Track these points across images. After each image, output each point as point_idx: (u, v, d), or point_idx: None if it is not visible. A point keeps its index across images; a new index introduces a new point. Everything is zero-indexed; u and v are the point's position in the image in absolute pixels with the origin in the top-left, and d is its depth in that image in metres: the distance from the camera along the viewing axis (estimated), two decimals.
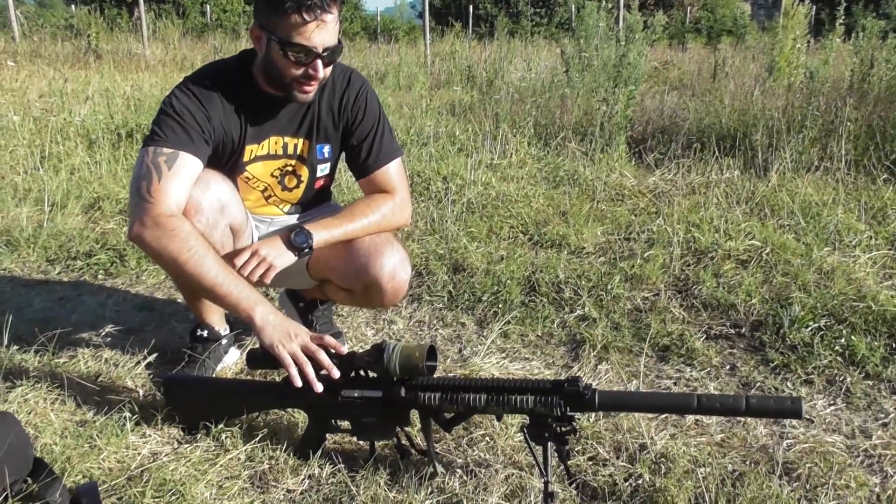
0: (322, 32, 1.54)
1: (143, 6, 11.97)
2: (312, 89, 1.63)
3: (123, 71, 8.12)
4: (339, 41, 1.60)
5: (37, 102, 5.55)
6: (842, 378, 1.91)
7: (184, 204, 1.57)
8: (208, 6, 21.64)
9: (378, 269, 1.72)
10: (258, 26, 1.59)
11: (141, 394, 1.76)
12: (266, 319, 1.50)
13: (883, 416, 1.75)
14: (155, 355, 1.94)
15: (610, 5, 6.00)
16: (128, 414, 1.59)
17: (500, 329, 2.18)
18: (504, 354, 2.07)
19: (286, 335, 1.49)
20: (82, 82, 6.49)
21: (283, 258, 1.65)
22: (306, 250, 1.66)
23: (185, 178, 1.57)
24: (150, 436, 1.56)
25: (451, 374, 1.94)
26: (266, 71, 1.63)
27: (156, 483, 1.39)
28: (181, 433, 1.59)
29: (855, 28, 4.97)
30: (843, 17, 4.96)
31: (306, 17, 1.50)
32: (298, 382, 1.45)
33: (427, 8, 10.61)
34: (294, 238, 1.65)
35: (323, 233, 1.69)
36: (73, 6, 20.01)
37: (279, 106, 1.71)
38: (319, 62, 1.57)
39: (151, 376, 1.86)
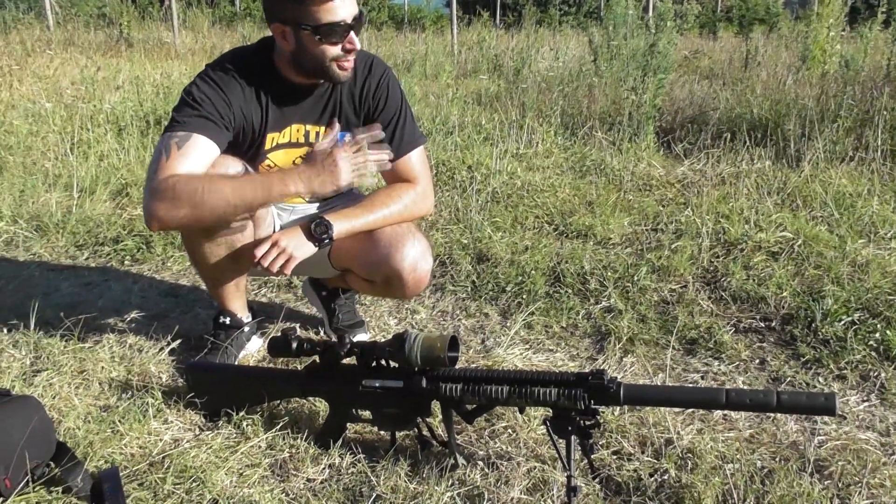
0: (347, 4, 1.55)
1: None
2: (351, 64, 1.63)
3: (154, 59, 8.19)
4: (361, 9, 1.61)
5: (69, 90, 5.62)
6: (876, 373, 1.86)
7: None
8: None
9: (399, 261, 1.70)
10: (280, 23, 1.58)
11: (164, 380, 1.77)
12: (310, 181, 1.56)
13: None
14: (179, 342, 1.95)
15: None
16: (150, 400, 1.60)
17: (523, 320, 2.16)
18: (528, 346, 2.04)
19: (332, 172, 1.56)
20: (113, 70, 6.56)
21: (303, 249, 1.64)
22: (326, 241, 1.65)
23: (195, 159, 1.56)
24: (172, 422, 1.57)
25: (474, 365, 1.92)
26: (298, 62, 1.62)
27: (177, 469, 1.39)
28: (203, 420, 1.60)
29: (893, 16, 4.82)
30: (886, 5, 4.80)
31: None
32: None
33: None
34: (315, 229, 1.64)
35: (344, 223, 1.67)
36: None
37: (301, 94, 1.70)
38: (353, 33, 1.58)
39: (175, 363, 1.87)
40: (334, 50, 1.59)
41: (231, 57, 1.71)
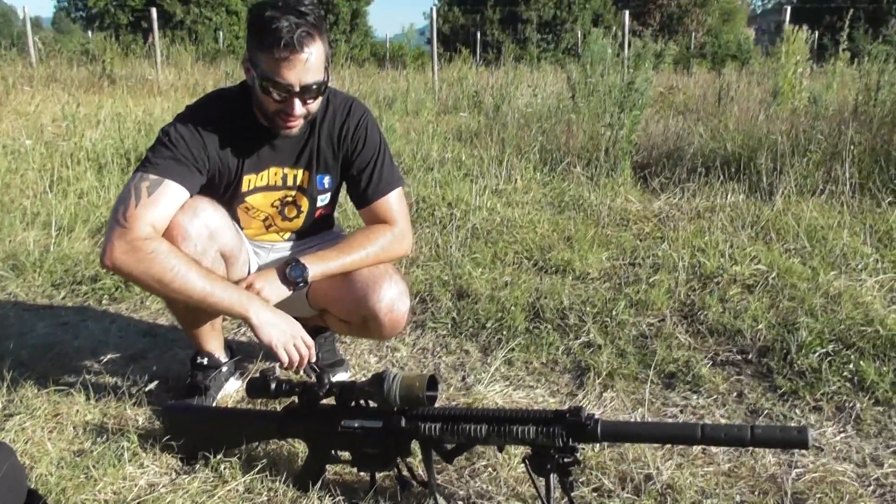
0: (298, 70, 1.53)
1: (158, 32, 12.16)
2: (295, 124, 1.63)
3: (136, 96, 8.22)
4: (325, 76, 1.59)
5: (49, 127, 5.61)
6: (851, 404, 1.88)
7: (161, 229, 1.57)
8: (221, 32, 21.97)
9: (376, 302, 1.71)
10: (248, 59, 1.60)
11: (140, 422, 1.75)
12: (261, 318, 1.57)
13: (895, 443, 1.72)
14: (156, 383, 1.93)
15: (616, 31, 6.04)
16: (126, 444, 1.58)
17: (504, 356, 2.16)
18: (508, 382, 2.05)
19: (282, 332, 1.58)
20: (95, 107, 6.58)
21: (277, 292, 1.65)
22: (301, 284, 1.66)
23: (165, 206, 1.57)
24: (147, 466, 1.54)
25: (453, 404, 1.92)
26: (255, 104, 1.65)
27: None
28: (179, 463, 1.57)
29: (860, 53, 4.98)
30: (846, 43, 4.97)
31: (281, 54, 1.51)
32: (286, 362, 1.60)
33: (435, 34, 10.72)
34: (290, 272, 1.65)
35: (319, 265, 1.68)
36: (89, 32, 20.34)
37: (278, 137, 1.72)
38: (296, 100, 1.57)
39: (151, 405, 1.85)
40: (275, 106, 1.59)
41: (212, 98, 1.73)
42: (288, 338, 1.59)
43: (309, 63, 1.54)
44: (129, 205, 1.54)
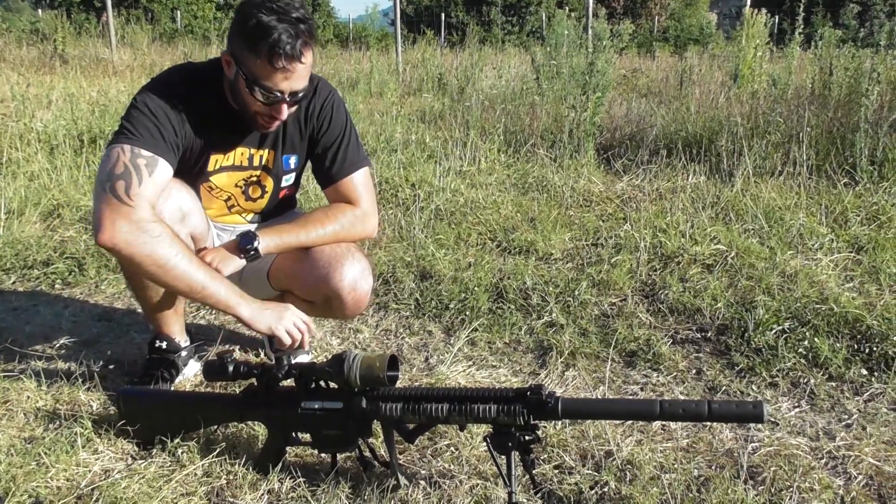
0: (292, 80, 1.53)
1: (112, 11, 11.79)
2: (276, 125, 1.63)
3: (90, 76, 7.97)
4: (311, 80, 1.60)
5: None
6: (806, 380, 1.92)
7: (155, 210, 1.53)
8: (179, 12, 21.41)
9: (338, 281, 1.69)
10: (230, 54, 1.55)
11: (94, 408, 1.70)
12: (252, 312, 1.59)
13: (846, 417, 1.76)
14: (111, 367, 1.88)
15: (579, 14, 6.04)
16: (79, 429, 1.54)
17: (467, 337, 2.16)
18: (471, 362, 2.05)
19: (277, 318, 1.60)
20: (46, 87, 6.36)
21: (229, 263, 1.63)
22: (253, 253, 1.64)
23: (160, 187, 1.54)
24: (102, 452, 1.51)
25: (415, 384, 1.91)
26: (232, 94, 1.61)
27: (107, 502, 1.34)
28: (136, 449, 1.54)
29: (815, 37, 5.06)
30: (801, 27, 5.05)
31: (277, 65, 1.49)
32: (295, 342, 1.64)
33: (399, 15, 10.60)
34: (240, 241, 1.63)
35: (273, 237, 1.66)
36: (39, 10, 19.64)
37: (247, 117, 1.68)
38: (284, 106, 1.57)
39: (106, 390, 1.80)
40: (260, 108, 1.58)
41: (180, 72, 1.68)
42: (283, 319, 1.61)
43: (302, 72, 1.54)
44: (131, 182, 1.48)
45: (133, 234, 1.46)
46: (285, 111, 1.58)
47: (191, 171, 1.69)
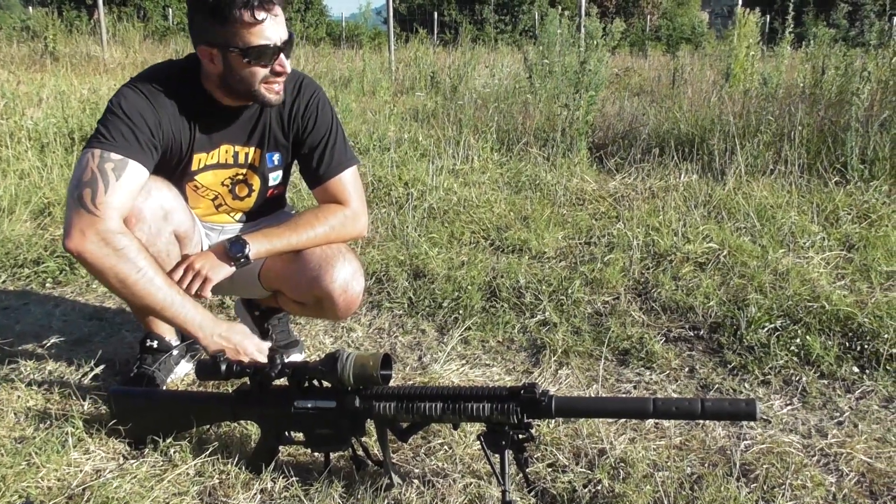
0: (276, 26, 1.51)
1: (103, 8, 11.71)
2: (281, 87, 1.60)
3: (81, 74, 7.92)
4: (291, 32, 1.57)
5: None
6: (798, 378, 1.93)
7: (126, 215, 1.50)
8: (170, 10, 21.29)
9: (329, 282, 1.68)
10: (206, 45, 1.53)
11: (85, 407, 1.69)
12: (208, 343, 1.53)
13: (838, 414, 1.77)
14: (102, 367, 1.87)
15: (572, 13, 6.05)
16: (70, 429, 1.53)
17: (460, 335, 2.16)
18: (464, 361, 2.05)
19: (233, 353, 1.52)
20: (37, 85, 6.31)
21: (218, 270, 1.60)
22: (242, 261, 1.62)
23: (131, 190, 1.51)
24: (93, 452, 1.50)
25: (408, 383, 1.91)
26: (227, 85, 1.58)
27: (98, 501, 1.33)
28: (127, 448, 1.53)
29: (806, 36, 5.09)
30: (792, 26, 5.07)
31: (258, 15, 1.47)
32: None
33: (392, 14, 10.58)
34: (230, 248, 1.60)
35: (263, 243, 1.64)
36: (30, 7, 19.49)
37: (231, 115, 1.66)
38: (283, 55, 1.55)
39: (97, 389, 1.79)
40: (263, 72, 1.55)
41: (159, 71, 1.65)
42: (233, 355, 1.53)
43: (281, 17, 1.52)
44: (97, 189, 1.45)
45: (96, 245, 1.44)
46: (287, 63, 1.56)
47: (175, 171, 1.67)
